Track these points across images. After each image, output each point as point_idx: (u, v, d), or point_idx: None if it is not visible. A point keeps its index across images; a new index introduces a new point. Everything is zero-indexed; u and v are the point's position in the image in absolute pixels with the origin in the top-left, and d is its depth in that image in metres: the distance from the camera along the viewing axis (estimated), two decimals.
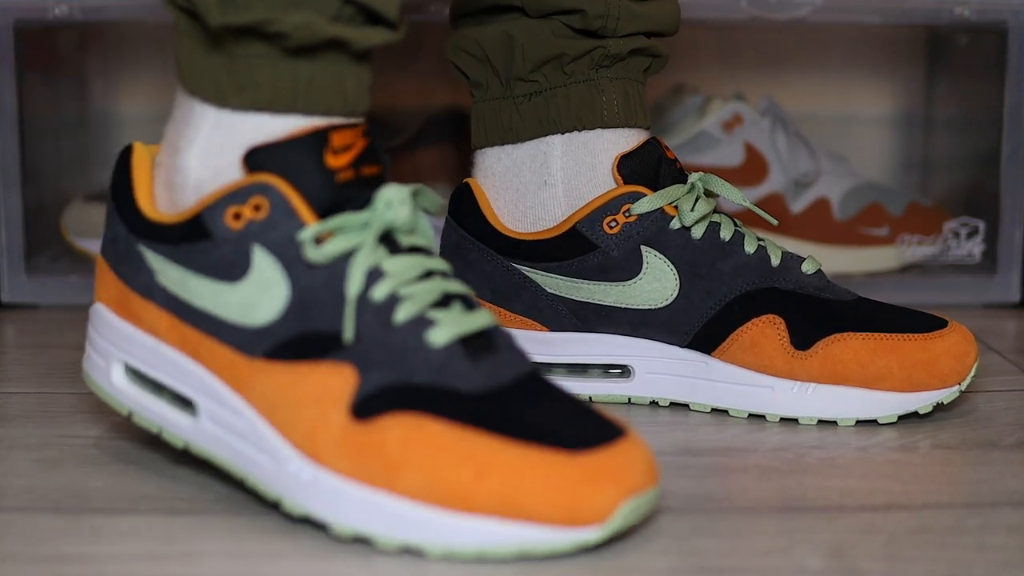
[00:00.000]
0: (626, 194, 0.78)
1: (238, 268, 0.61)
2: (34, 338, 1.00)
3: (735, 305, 0.77)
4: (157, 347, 0.65)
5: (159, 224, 0.64)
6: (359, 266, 0.60)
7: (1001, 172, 1.09)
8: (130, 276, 0.65)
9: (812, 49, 1.26)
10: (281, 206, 0.61)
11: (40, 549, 0.59)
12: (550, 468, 0.56)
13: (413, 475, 0.57)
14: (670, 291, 0.78)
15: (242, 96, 0.62)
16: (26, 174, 1.06)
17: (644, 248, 0.78)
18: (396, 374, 0.59)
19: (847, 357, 0.76)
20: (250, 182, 0.61)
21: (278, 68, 0.62)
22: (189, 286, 0.63)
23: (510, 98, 0.81)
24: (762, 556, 0.58)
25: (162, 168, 0.66)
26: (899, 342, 0.76)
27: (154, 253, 0.64)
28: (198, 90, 0.64)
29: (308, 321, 0.60)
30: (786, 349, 0.76)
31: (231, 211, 0.61)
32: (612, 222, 0.78)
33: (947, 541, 0.60)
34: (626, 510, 0.56)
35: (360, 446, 0.58)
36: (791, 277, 0.78)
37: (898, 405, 0.76)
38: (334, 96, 0.63)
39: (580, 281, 0.79)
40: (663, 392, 0.80)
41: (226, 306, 0.62)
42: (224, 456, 0.63)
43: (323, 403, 0.59)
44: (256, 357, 0.61)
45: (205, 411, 0.63)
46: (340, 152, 0.62)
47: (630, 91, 0.81)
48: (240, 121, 0.63)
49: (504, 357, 0.61)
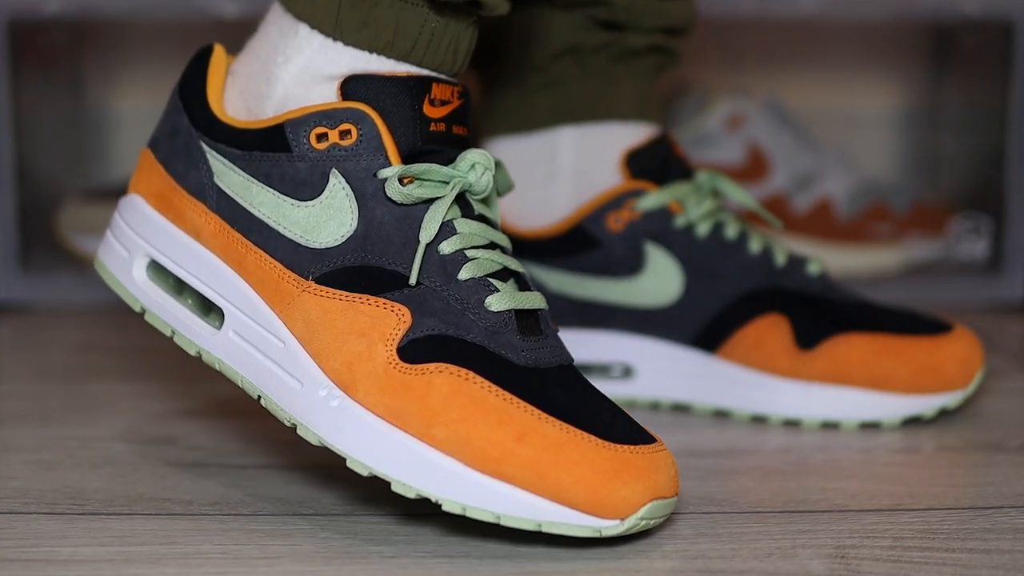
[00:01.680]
0: (631, 190, 0.78)
1: (310, 187, 0.61)
2: (28, 338, 0.99)
3: (739, 304, 0.77)
4: (195, 248, 0.63)
5: (232, 127, 0.63)
6: (436, 216, 0.60)
7: (1006, 170, 1.09)
8: (182, 172, 0.64)
9: (816, 46, 1.26)
10: (371, 138, 0.60)
11: (35, 551, 0.58)
12: (587, 451, 0.56)
13: (450, 425, 0.57)
14: (674, 289, 0.77)
15: (361, 34, 0.61)
16: (20, 173, 1.06)
17: (649, 245, 0.77)
18: (451, 327, 0.59)
19: (852, 358, 0.75)
20: (344, 107, 0.61)
21: (406, 13, 0.61)
22: (251, 194, 0.62)
23: (523, 88, 0.80)
24: (765, 558, 0.58)
25: (241, 77, 0.65)
26: (905, 345, 0.76)
27: (218, 154, 0.63)
28: (313, 17, 0.62)
29: (370, 255, 0.60)
30: (790, 349, 0.76)
31: (316, 131, 0.61)
32: (617, 218, 0.78)
33: (952, 544, 0.60)
34: (649, 510, 0.57)
35: (402, 386, 0.58)
36: (796, 277, 0.78)
37: (902, 408, 0.76)
38: (449, 53, 0.63)
39: (584, 278, 0.79)
40: (665, 393, 0.79)
41: (287, 222, 0.61)
42: (241, 370, 0.62)
43: (370, 336, 0.59)
44: (307, 279, 0.61)
45: (233, 321, 0.62)
46: (438, 104, 0.62)
47: (644, 87, 0.81)
48: (349, 55, 0.62)
49: (550, 342, 0.61)
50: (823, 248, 1.12)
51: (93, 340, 0.94)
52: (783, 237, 1.10)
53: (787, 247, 0.80)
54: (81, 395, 0.81)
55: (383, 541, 0.59)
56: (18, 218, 1.05)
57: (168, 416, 0.77)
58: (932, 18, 1.09)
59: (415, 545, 0.59)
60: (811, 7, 1.05)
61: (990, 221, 1.13)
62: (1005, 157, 1.09)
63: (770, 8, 1.05)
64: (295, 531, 0.60)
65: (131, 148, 1.20)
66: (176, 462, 0.69)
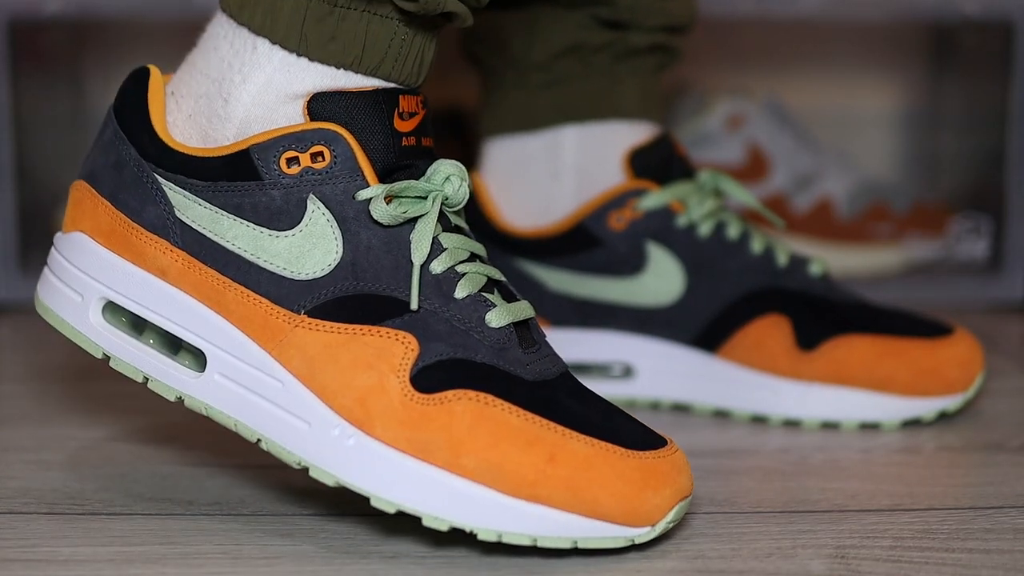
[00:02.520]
0: (633, 190, 0.78)
1: (287, 216, 0.58)
2: (28, 338, 0.99)
3: (741, 304, 0.77)
4: (164, 288, 0.60)
5: (189, 155, 0.59)
6: (425, 235, 0.58)
7: (1006, 170, 1.09)
8: (136, 207, 0.60)
9: (817, 46, 1.26)
10: (345, 159, 0.58)
11: (35, 551, 0.58)
12: (616, 463, 0.56)
13: (480, 454, 0.55)
14: (675, 288, 0.77)
15: (328, 49, 0.58)
16: (20, 172, 1.06)
17: (650, 244, 0.77)
18: (459, 350, 0.58)
19: (853, 359, 0.75)
20: (314, 127, 0.58)
21: (375, 28, 0.58)
22: (222, 227, 0.59)
23: (525, 86, 0.80)
24: (765, 558, 0.58)
25: (187, 98, 0.61)
26: (905, 347, 0.76)
27: (177, 187, 0.59)
28: (274, 32, 0.58)
29: (363, 282, 0.58)
30: (791, 349, 0.76)
31: (286, 155, 0.58)
32: (618, 217, 0.78)
33: (952, 544, 0.60)
34: (676, 512, 0.57)
35: (423, 417, 0.56)
36: (798, 278, 0.78)
37: (902, 410, 0.76)
38: (415, 65, 0.60)
39: (585, 277, 0.79)
40: (666, 392, 0.79)
41: (267, 254, 0.58)
42: (234, 413, 0.59)
43: (379, 368, 0.57)
44: (299, 313, 0.58)
45: (217, 363, 0.59)
46: (407, 117, 0.60)
47: (646, 85, 0.81)
48: (313, 71, 0.59)
49: (544, 352, 0.60)
50: (823, 248, 1.12)
51: None
52: (784, 237, 1.10)
53: (789, 247, 0.80)
54: (81, 395, 0.81)
55: (383, 541, 0.59)
56: (18, 218, 1.05)
57: (168, 416, 0.77)
58: (932, 18, 1.09)
59: (415, 545, 0.59)
60: (811, 7, 1.05)
61: (990, 221, 1.13)
62: (1005, 157, 1.09)
63: (770, 8, 1.05)
64: (295, 531, 0.60)
65: None
66: (176, 462, 0.69)
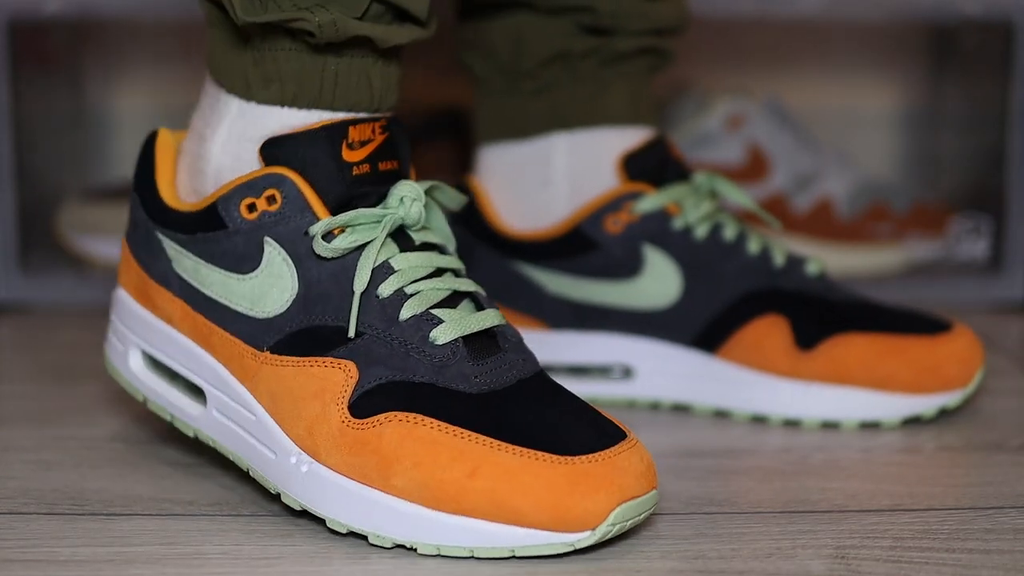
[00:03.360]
0: (629, 193, 0.78)
1: (250, 260, 0.62)
2: (28, 338, 0.99)
3: (739, 305, 0.77)
4: (171, 335, 0.65)
5: (177, 212, 0.64)
6: (367, 262, 0.60)
7: (1006, 170, 1.09)
8: (149, 263, 0.66)
9: (817, 46, 1.26)
10: (294, 199, 0.61)
11: (35, 552, 0.58)
12: (541, 472, 0.56)
13: (406, 473, 0.57)
14: (672, 291, 0.77)
15: (268, 90, 0.62)
16: (20, 172, 1.06)
17: (647, 247, 0.77)
18: (396, 372, 0.59)
19: (852, 358, 0.75)
20: (264, 173, 0.61)
21: (304, 63, 0.62)
22: (201, 275, 0.63)
23: (516, 94, 0.80)
24: (765, 559, 0.58)
25: (187, 155, 0.66)
26: (905, 344, 0.76)
27: (172, 241, 0.64)
28: (225, 81, 0.64)
29: (314, 316, 0.60)
30: (790, 349, 0.76)
31: (246, 202, 0.61)
32: (615, 221, 0.78)
33: (952, 544, 0.60)
34: (619, 515, 0.56)
35: (356, 442, 0.58)
36: (795, 278, 0.78)
37: (903, 408, 0.76)
38: (360, 92, 0.63)
39: (582, 280, 0.79)
40: (665, 393, 0.79)
41: (236, 297, 0.62)
42: (230, 446, 0.63)
43: (324, 398, 0.59)
44: (262, 351, 0.61)
45: (213, 400, 0.64)
46: (357, 146, 0.62)
47: (636, 89, 0.80)
48: (264, 113, 0.63)
49: (509, 358, 0.61)
50: (823, 248, 1.12)
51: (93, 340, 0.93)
52: (783, 237, 1.10)
53: (786, 247, 0.80)
54: (81, 395, 0.81)
55: None
56: (18, 218, 1.05)
57: None
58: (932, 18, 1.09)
59: None
60: (811, 7, 1.05)
61: (990, 221, 1.13)
62: (1005, 157, 1.08)
63: (770, 8, 1.05)
64: (295, 531, 0.60)
65: (131, 148, 1.19)
66: (176, 462, 0.69)
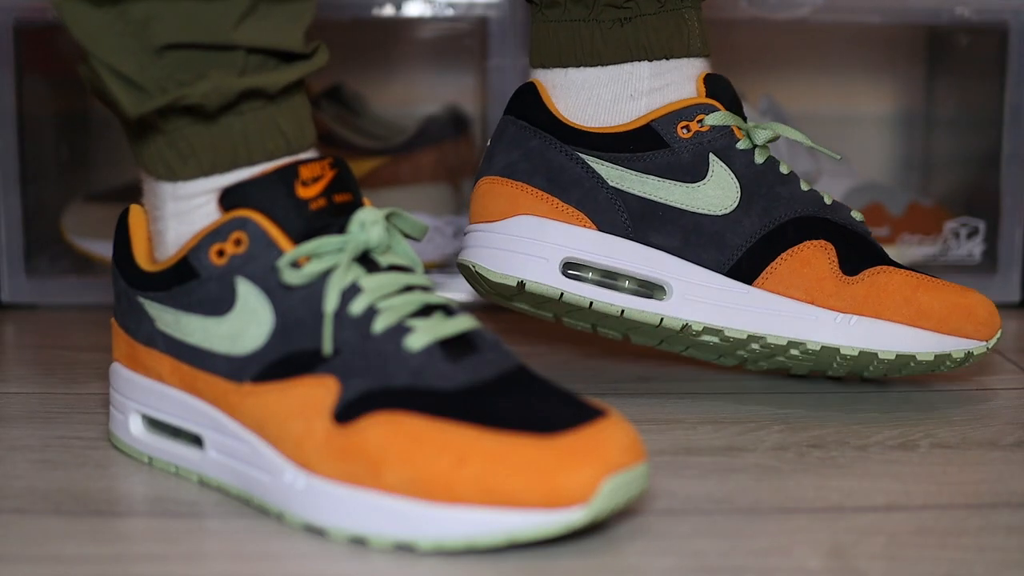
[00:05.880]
0: (703, 104, 0.80)
1: (225, 302, 0.64)
2: (34, 338, 1.00)
3: (789, 227, 0.80)
4: (163, 391, 0.67)
5: (152, 273, 0.67)
6: (335, 284, 0.61)
7: (1001, 172, 1.09)
8: (135, 328, 0.68)
9: (812, 49, 1.26)
10: (260, 237, 0.63)
11: (39, 550, 0.59)
12: (527, 452, 0.57)
13: (395, 469, 0.58)
14: (731, 200, 0.79)
15: (188, 167, 0.65)
16: (26, 174, 1.06)
17: (712, 157, 0.80)
18: (375, 380, 0.60)
19: (892, 287, 0.79)
20: (229, 218, 0.64)
21: (211, 131, 0.65)
22: (182, 325, 0.65)
23: (596, 21, 0.81)
24: (761, 556, 0.58)
25: (151, 231, 0.69)
26: (940, 284, 0.80)
27: (151, 302, 0.67)
28: (150, 168, 0.66)
29: (291, 342, 0.62)
30: (835, 272, 0.79)
31: (215, 249, 0.64)
32: (685, 127, 0.80)
33: (947, 542, 0.60)
34: (610, 487, 0.56)
35: (343, 448, 0.59)
36: (843, 216, 0.81)
37: (936, 344, 0.79)
38: (274, 139, 0.65)
39: (647, 176, 0.80)
40: (698, 316, 0.80)
41: (215, 339, 0.64)
42: (230, 481, 0.64)
43: (307, 413, 0.60)
44: (244, 382, 0.63)
45: (210, 442, 0.65)
46: (311, 183, 0.64)
47: (702, 24, 0.83)
48: (196, 187, 0.65)
49: (487, 356, 0.62)
50: None
51: (97, 341, 0.94)
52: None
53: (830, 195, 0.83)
54: (85, 396, 0.82)
55: None
56: (24, 219, 1.06)
57: None
58: (927, 21, 1.10)
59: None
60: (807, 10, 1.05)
61: (985, 223, 1.13)
62: (999, 159, 1.09)
63: (766, 11, 1.05)
64: (296, 531, 0.61)
65: None
66: None
